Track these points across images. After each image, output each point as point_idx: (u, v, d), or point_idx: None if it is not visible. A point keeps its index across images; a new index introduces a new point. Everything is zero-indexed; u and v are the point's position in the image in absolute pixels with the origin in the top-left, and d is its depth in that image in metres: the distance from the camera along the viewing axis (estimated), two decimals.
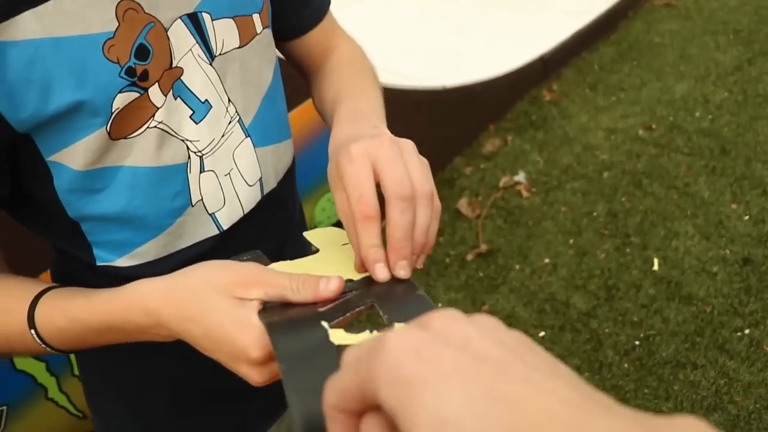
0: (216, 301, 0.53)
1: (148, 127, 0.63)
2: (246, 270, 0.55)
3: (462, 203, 2.58)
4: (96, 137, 0.59)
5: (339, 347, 0.47)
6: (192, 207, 0.70)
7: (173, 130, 0.65)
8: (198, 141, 0.68)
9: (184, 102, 0.65)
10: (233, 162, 0.73)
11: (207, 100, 0.67)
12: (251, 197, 0.76)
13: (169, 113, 0.64)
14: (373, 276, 0.56)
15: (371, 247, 0.55)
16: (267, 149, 0.77)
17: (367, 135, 0.60)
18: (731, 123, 2.83)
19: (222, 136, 0.70)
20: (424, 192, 0.56)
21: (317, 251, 0.65)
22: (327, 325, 0.49)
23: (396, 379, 0.27)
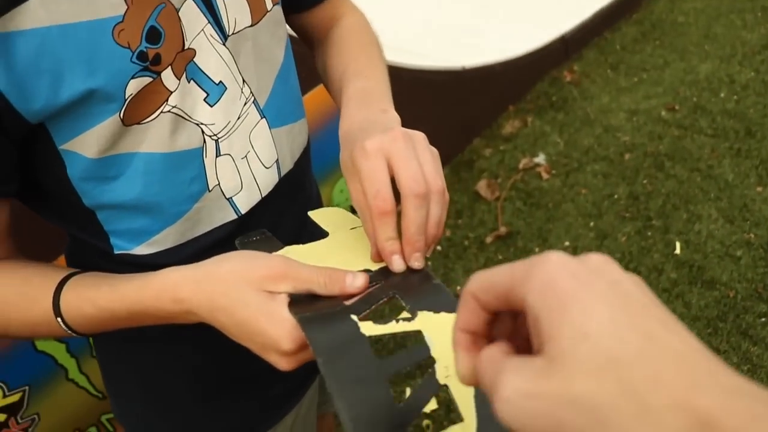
0: (247, 295, 0.55)
1: (161, 112, 0.61)
2: (275, 264, 0.56)
3: (481, 185, 2.56)
4: (109, 124, 0.58)
5: (370, 337, 0.50)
6: (209, 192, 0.69)
7: (187, 114, 0.63)
8: (213, 124, 0.66)
9: (197, 85, 0.63)
10: (250, 144, 0.71)
11: (221, 81, 0.66)
12: (269, 180, 0.75)
13: (183, 97, 0.62)
14: (390, 267, 0.58)
15: (388, 240, 0.58)
16: (282, 130, 0.75)
17: (380, 127, 0.62)
18: (757, 104, 2.77)
19: (238, 118, 0.68)
20: (437, 188, 0.58)
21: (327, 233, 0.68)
22: (356, 318, 0.52)
23: (550, 289, 0.29)
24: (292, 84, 0.78)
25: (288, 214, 0.78)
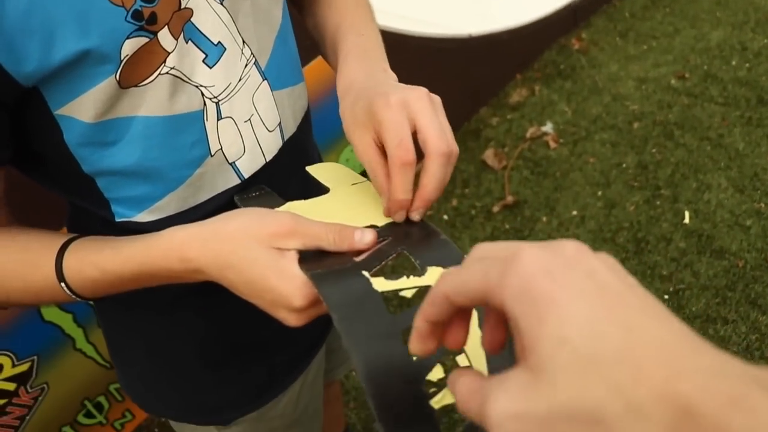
0: (257, 253, 0.54)
1: (159, 74, 0.59)
2: (284, 221, 0.55)
3: (488, 154, 2.54)
4: (105, 87, 0.56)
5: (382, 293, 0.51)
6: (211, 157, 0.67)
7: (186, 75, 0.61)
8: (213, 86, 0.64)
9: (196, 45, 0.61)
10: (253, 107, 0.69)
11: (220, 42, 0.63)
12: (272, 143, 0.73)
13: (181, 58, 0.60)
14: (399, 218, 0.60)
15: (407, 192, 0.58)
16: (284, 92, 0.74)
17: (384, 84, 0.63)
18: None
19: (239, 80, 0.66)
20: (456, 151, 0.59)
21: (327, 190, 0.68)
22: (368, 275, 0.52)
23: (526, 294, 0.29)
24: (290, 46, 0.77)
25: (292, 179, 0.77)
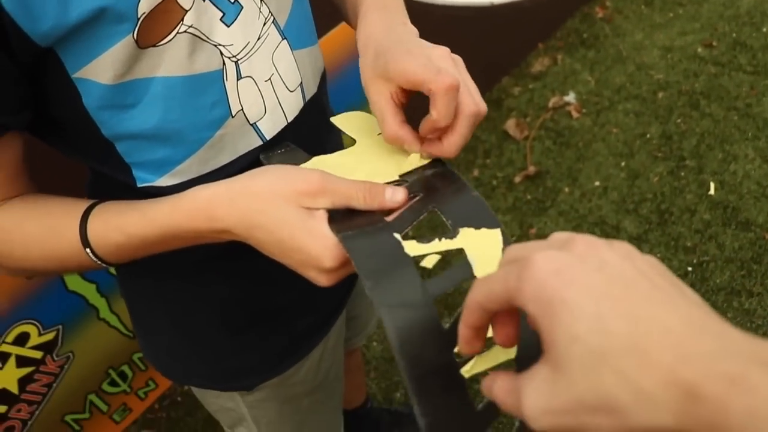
0: (286, 212, 0.53)
1: (177, 33, 0.58)
2: (313, 179, 0.54)
3: (509, 124, 2.51)
4: (123, 46, 0.55)
5: (414, 258, 0.50)
6: (232, 118, 0.66)
7: (204, 34, 0.60)
8: (231, 45, 0.63)
9: (212, 3, 0.60)
10: (273, 66, 0.68)
11: (237, 0, 0.62)
12: (294, 104, 0.72)
13: (199, 16, 0.59)
14: (436, 152, 0.61)
15: (450, 117, 0.58)
16: (303, 52, 0.73)
17: (407, 37, 0.65)
18: None
19: (258, 39, 0.66)
20: (484, 110, 0.61)
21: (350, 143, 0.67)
22: (399, 237, 0.51)
23: (540, 297, 0.32)
24: (306, 6, 0.76)
25: (313, 140, 0.76)
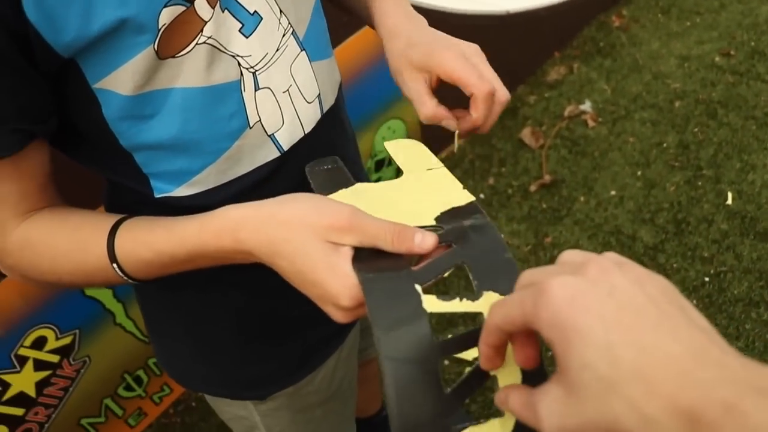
0: (311, 245, 0.53)
1: (196, 44, 0.59)
2: (342, 215, 0.53)
3: (525, 133, 2.50)
4: (143, 57, 0.56)
5: (430, 314, 0.49)
6: (250, 129, 0.67)
7: (222, 45, 0.61)
8: (249, 56, 0.64)
9: (232, 15, 0.61)
10: (291, 78, 0.69)
11: (256, 11, 0.63)
12: (311, 115, 0.73)
13: (218, 27, 0.60)
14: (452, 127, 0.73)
15: (487, 119, 0.72)
16: (322, 63, 0.73)
17: (441, 34, 0.75)
18: None
19: (276, 50, 0.66)
20: (509, 97, 0.73)
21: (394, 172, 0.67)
22: (420, 290, 0.50)
23: (555, 324, 0.34)
24: (323, 18, 0.77)
25: (331, 151, 0.77)
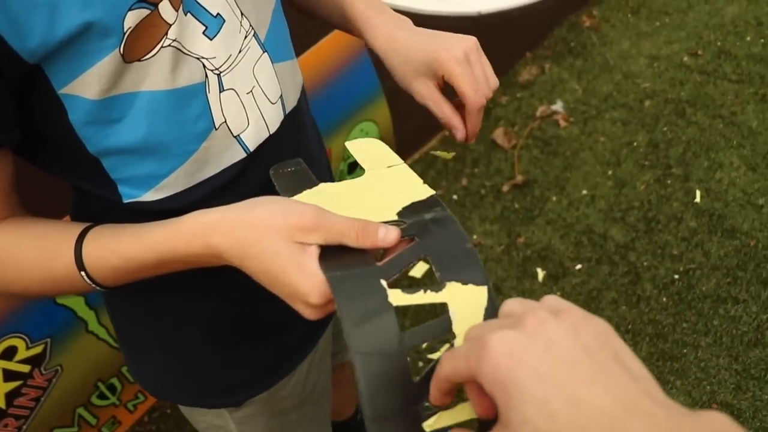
0: (279, 246, 0.54)
1: (161, 47, 0.59)
2: (307, 215, 0.55)
3: (497, 133, 2.52)
4: (109, 61, 0.56)
5: (396, 307, 0.51)
6: (216, 130, 0.67)
7: (187, 48, 0.62)
8: (214, 58, 0.64)
9: (195, 17, 0.62)
10: (254, 79, 0.69)
11: (219, 14, 0.64)
12: (275, 116, 0.73)
13: (182, 30, 0.60)
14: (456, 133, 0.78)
15: (478, 127, 0.78)
16: (284, 65, 0.74)
17: (439, 34, 0.78)
18: None
19: (239, 51, 0.67)
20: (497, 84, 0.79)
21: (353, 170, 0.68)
22: (385, 285, 0.52)
23: (495, 379, 0.36)
24: (283, 21, 0.78)
25: (296, 152, 0.78)
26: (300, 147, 0.80)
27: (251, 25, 0.68)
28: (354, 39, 0.92)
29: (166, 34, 0.59)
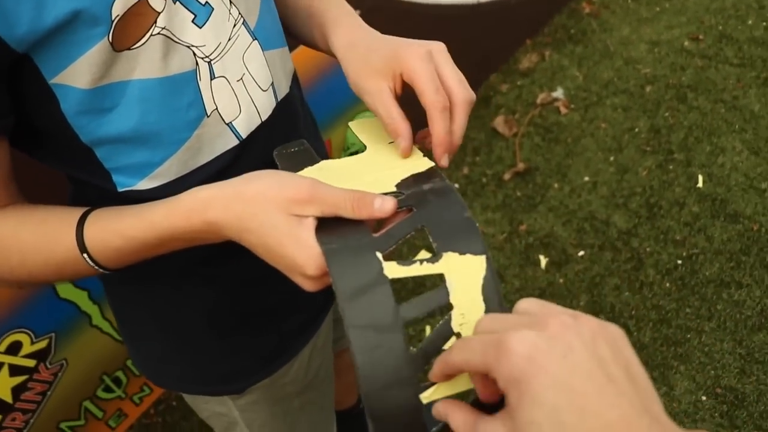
0: (275, 218, 0.55)
1: (151, 35, 0.59)
2: (302, 187, 0.56)
3: (498, 121, 2.51)
4: (99, 50, 0.56)
5: (392, 280, 0.50)
6: (207, 117, 0.67)
7: (176, 36, 0.62)
8: (204, 46, 0.64)
9: (184, 6, 0.62)
10: (244, 66, 0.70)
11: (207, 2, 0.64)
12: (267, 103, 0.74)
13: (171, 18, 0.61)
14: (444, 162, 0.66)
15: (448, 133, 0.65)
16: (274, 52, 0.75)
17: (386, 39, 0.71)
18: None
19: (228, 39, 0.67)
20: (474, 98, 0.68)
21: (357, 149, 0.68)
22: (381, 257, 0.51)
23: (512, 378, 0.37)
24: (274, 9, 0.78)
25: (289, 139, 0.78)
26: (293, 134, 0.80)
27: (240, 14, 0.68)
28: None
29: (155, 22, 0.59)
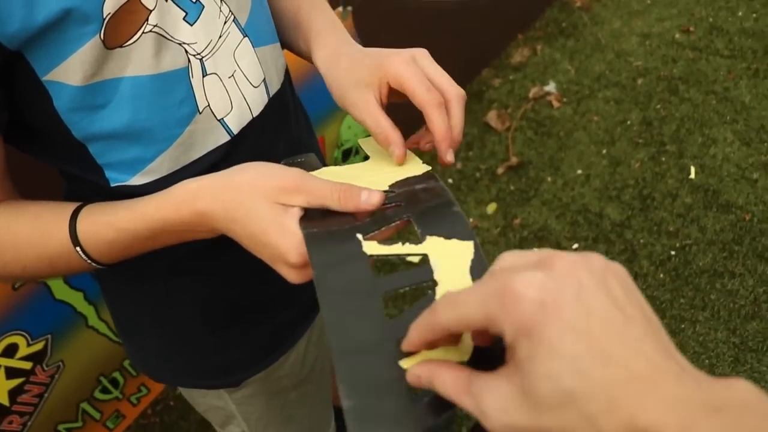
0: (260, 207, 0.56)
1: (143, 32, 0.60)
2: (290, 177, 0.56)
3: (491, 116, 2.52)
4: (91, 47, 0.57)
5: (372, 256, 0.49)
6: (200, 114, 0.68)
7: (169, 33, 0.62)
8: (195, 43, 0.65)
9: (175, 4, 0.62)
10: (235, 63, 0.70)
11: (198, 0, 0.64)
12: (258, 99, 0.74)
13: (162, 16, 0.61)
14: (449, 158, 0.65)
15: (448, 128, 0.65)
16: (265, 49, 0.75)
17: (367, 51, 0.71)
18: None
19: (219, 37, 0.67)
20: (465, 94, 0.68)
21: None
22: (361, 237, 0.51)
23: (522, 327, 0.32)
24: (266, 7, 0.78)
25: (281, 135, 0.78)
26: (285, 129, 0.81)
27: (231, 11, 0.69)
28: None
29: (146, 20, 0.59)
